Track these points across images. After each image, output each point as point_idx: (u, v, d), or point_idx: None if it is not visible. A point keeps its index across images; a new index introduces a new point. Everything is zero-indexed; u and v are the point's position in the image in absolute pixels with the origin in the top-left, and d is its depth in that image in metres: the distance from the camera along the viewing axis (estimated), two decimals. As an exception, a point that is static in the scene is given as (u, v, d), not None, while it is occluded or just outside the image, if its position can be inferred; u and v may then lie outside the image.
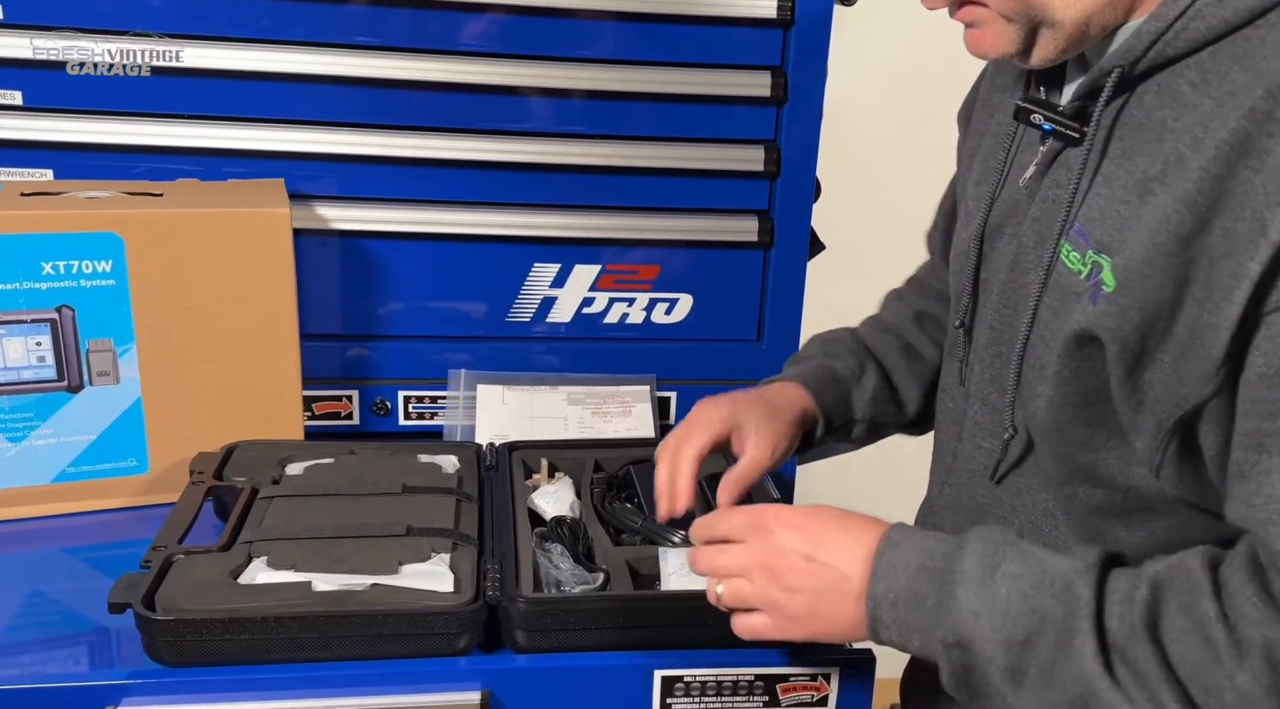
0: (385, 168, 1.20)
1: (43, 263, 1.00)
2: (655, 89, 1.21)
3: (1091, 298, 0.68)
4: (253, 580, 0.85)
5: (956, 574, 0.68)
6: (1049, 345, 0.73)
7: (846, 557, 0.72)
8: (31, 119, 1.13)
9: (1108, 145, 0.70)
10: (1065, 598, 0.65)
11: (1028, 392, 0.75)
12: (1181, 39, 0.66)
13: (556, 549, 0.94)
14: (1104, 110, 0.70)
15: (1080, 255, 0.70)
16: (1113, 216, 0.68)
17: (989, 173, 0.84)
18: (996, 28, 0.72)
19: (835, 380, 0.98)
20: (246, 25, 1.13)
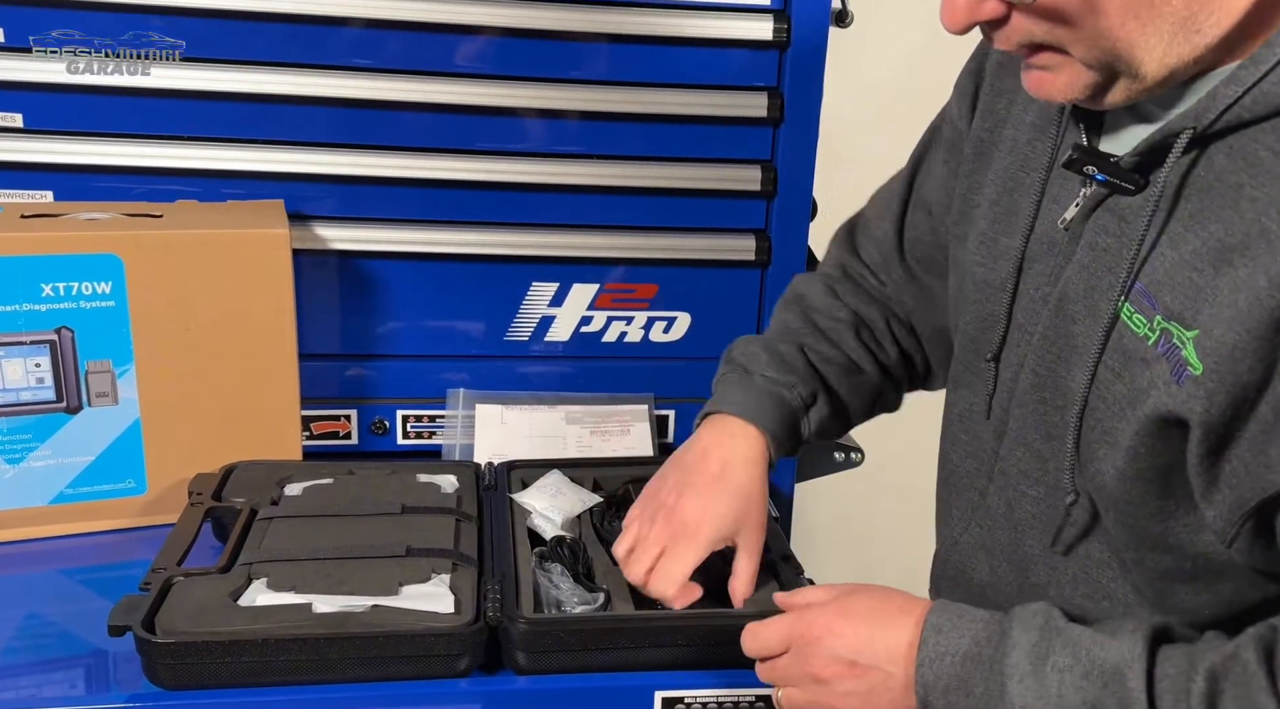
0: (384, 188, 1.21)
1: (42, 284, 1.01)
2: (653, 110, 1.22)
3: (1175, 378, 0.66)
4: (253, 602, 0.85)
5: (1006, 666, 0.68)
6: (1116, 413, 0.71)
7: (889, 653, 0.72)
8: (32, 141, 1.13)
9: (1175, 205, 0.68)
10: (1117, 688, 0.65)
11: (1088, 453, 0.73)
12: (1260, 103, 0.64)
13: (556, 569, 0.94)
14: (1170, 169, 0.68)
15: (1146, 319, 0.68)
16: (1184, 284, 0.66)
17: (1015, 201, 0.81)
18: (1071, 72, 0.69)
19: (788, 413, 0.94)
20: (245, 48, 1.14)
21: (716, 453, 0.91)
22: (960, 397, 0.88)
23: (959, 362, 0.89)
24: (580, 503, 1.04)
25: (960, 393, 0.88)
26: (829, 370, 0.98)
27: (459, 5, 1.16)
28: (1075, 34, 0.66)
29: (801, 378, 0.95)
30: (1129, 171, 0.71)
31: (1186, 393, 0.65)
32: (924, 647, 0.71)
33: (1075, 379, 0.74)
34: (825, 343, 0.99)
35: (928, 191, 0.97)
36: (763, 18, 1.20)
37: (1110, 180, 0.71)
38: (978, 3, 0.68)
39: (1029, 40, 0.68)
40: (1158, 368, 0.67)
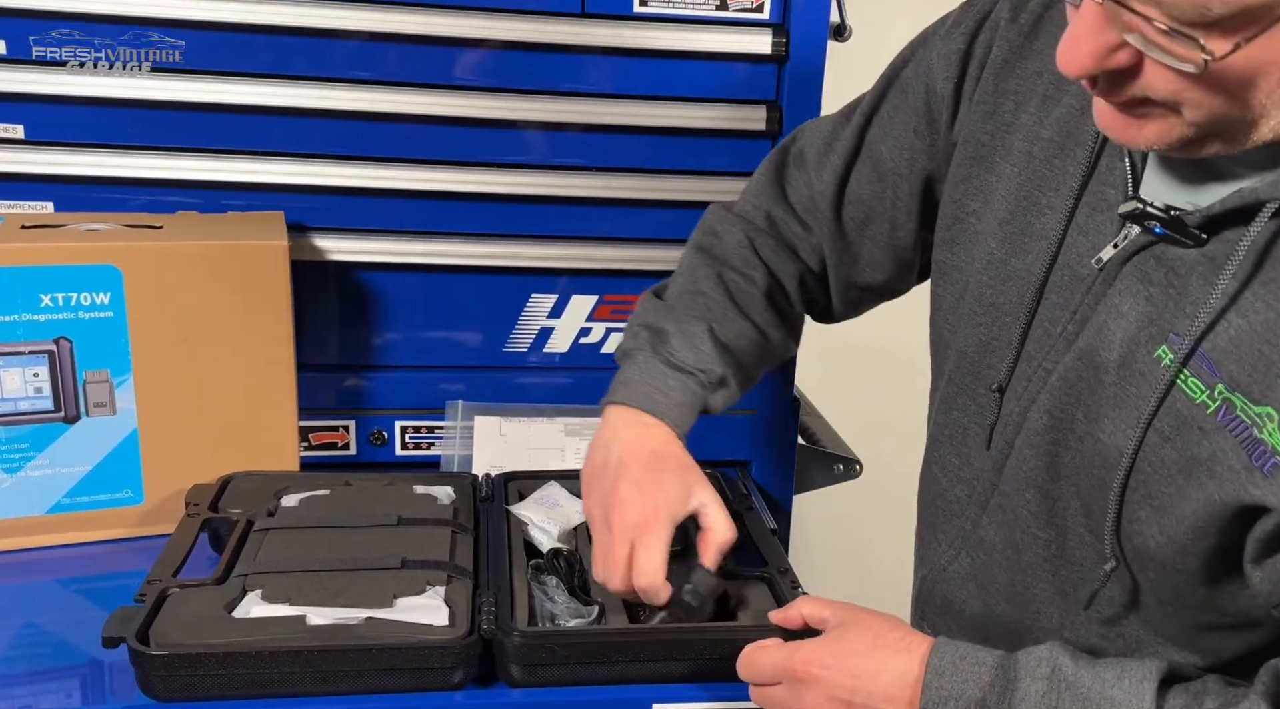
0: (383, 200, 1.21)
1: (42, 295, 1.01)
2: (653, 122, 1.22)
3: (1258, 464, 0.63)
4: (247, 614, 0.85)
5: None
6: (1165, 478, 0.68)
7: (885, 693, 0.70)
8: (33, 152, 1.14)
9: (1254, 272, 0.64)
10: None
11: (1131, 515, 0.70)
12: None
13: (552, 581, 0.94)
14: (1251, 240, 0.63)
15: (1204, 385, 0.65)
16: (1254, 356, 0.63)
17: (1030, 222, 0.76)
18: (1166, 125, 0.62)
19: (696, 401, 0.92)
20: (246, 60, 1.15)
21: (637, 445, 0.89)
22: (952, 419, 0.85)
23: (953, 383, 0.85)
24: (577, 515, 1.04)
25: (953, 415, 0.85)
26: (740, 347, 0.95)
27: (458, 18, 1.16)
28: (1208, 97, 0.58)
29: (711, 361, 0.92)
30: (1194, 229, 0.66)
31: (1276, 482, 0.62)
32: (927, 690, 0.69)
33: (1110, 434, 0.70)
34: (736, 316, 0.95)
35: (884, 152, 0.90)
36: (761, 32, 1.20)
37: (1169, 233, 0.67)
38: (1108, 49, 0.59)
39: (1147, 94, 0.60)
40: (1219, 440, 0.64)
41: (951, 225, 0.85)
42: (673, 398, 0.90)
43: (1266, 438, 0.62)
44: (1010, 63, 0.81)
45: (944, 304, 0.87)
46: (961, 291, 0.84)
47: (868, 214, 0.93)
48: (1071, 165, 0.75)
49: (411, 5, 1.15)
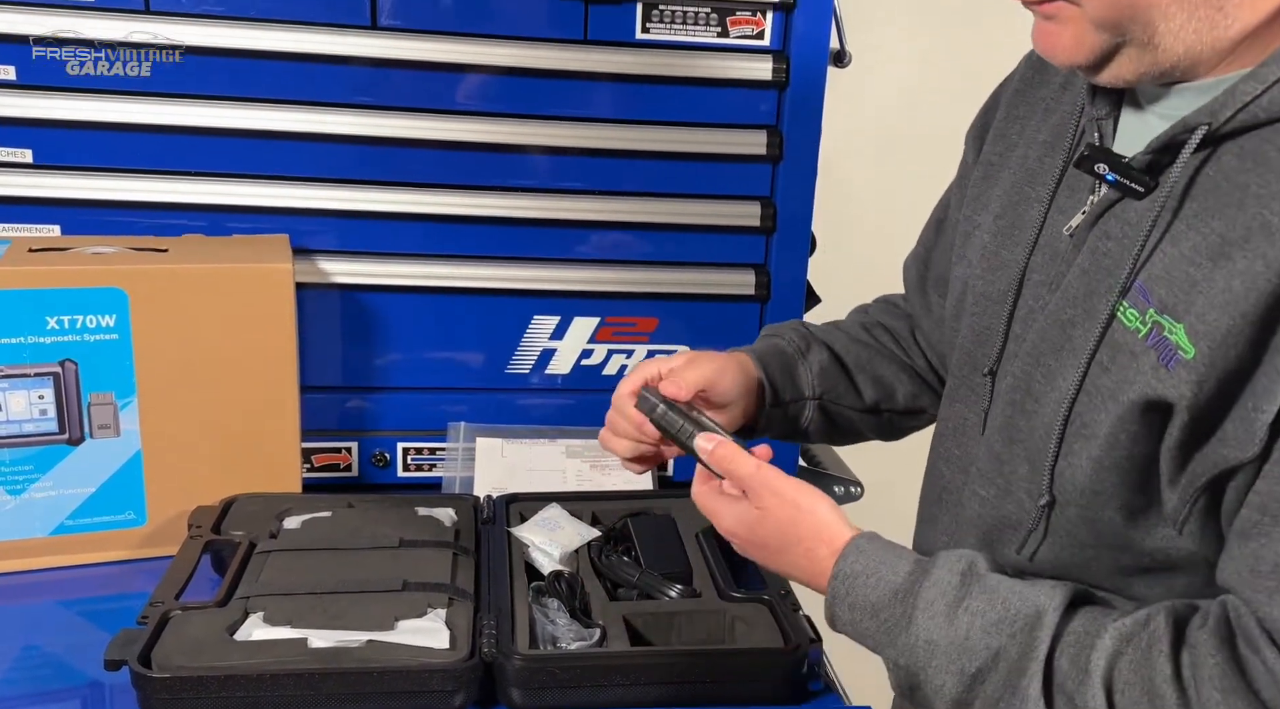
0: (387, 223, 1.22)
1: (47, 317, 1.02)
2: (655, 147, 1.23)
3: (1164, 362, 0.65)
4: (249, 637, 0.85)
5: (919, 600, 0.69)
6: (1099, 405, 0.70)
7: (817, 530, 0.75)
8: (40, 176, 1.15)
9: (1181, 204, 0.67)
10: (1024, 639, 0.66)
11: (1067, 449, 0.73)
12: (1277, 104, 0.63)
13: (553, 604, 0.94)
14: (1180, 168, 0.67)
15: (1139, 313, 0.68)
16: (1180, 277, 0.66)
17: (1019, 214, 0.81)
18: (1078, 30, 0.67)
19: (780, 353, 0.95)
20: (251, 85, 1.16)
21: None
22: (955, 411, 0.87)
23: (955, 376, 0.88)
24: (579, 537, 1.04)
25: (955, 407, 0.87)
26: (831, 336, 0.99)
27: (462, 45, 1.18)
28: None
29: (794, 331, 0.98)
30: (1139, 172, 0.69)
31: (1176, 378, 0.64)
32: (842, 560, 0.73)
33: (1066, 378, 0.72)
34: (826, 324, 1.02)
35: (949, 230, 0.97)
36: (762, 58, 1.21)
37: (1120, 181, 0.70)
38: None
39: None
40: (1145, 359, 0.67)
41: (963, 242, 0.89)
42: (753, 345, 0.97)
43: (1178, 340, 0.65)
44: (1022, 91, 0.87)
45: (950, 310, 0.90)
46: (963, 292, 0.87)
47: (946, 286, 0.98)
48: (1057, 154, 0.79)
49: (415, 31, 1.17)
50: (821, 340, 0.98)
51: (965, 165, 0.94)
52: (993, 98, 0.92)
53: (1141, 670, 0.63)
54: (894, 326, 1.02)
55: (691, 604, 0.94)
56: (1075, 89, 0.82)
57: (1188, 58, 0.67)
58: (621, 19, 1.19)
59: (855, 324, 1.03)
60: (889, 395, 0.99)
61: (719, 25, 1.20)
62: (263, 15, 1.14)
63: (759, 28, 1.21)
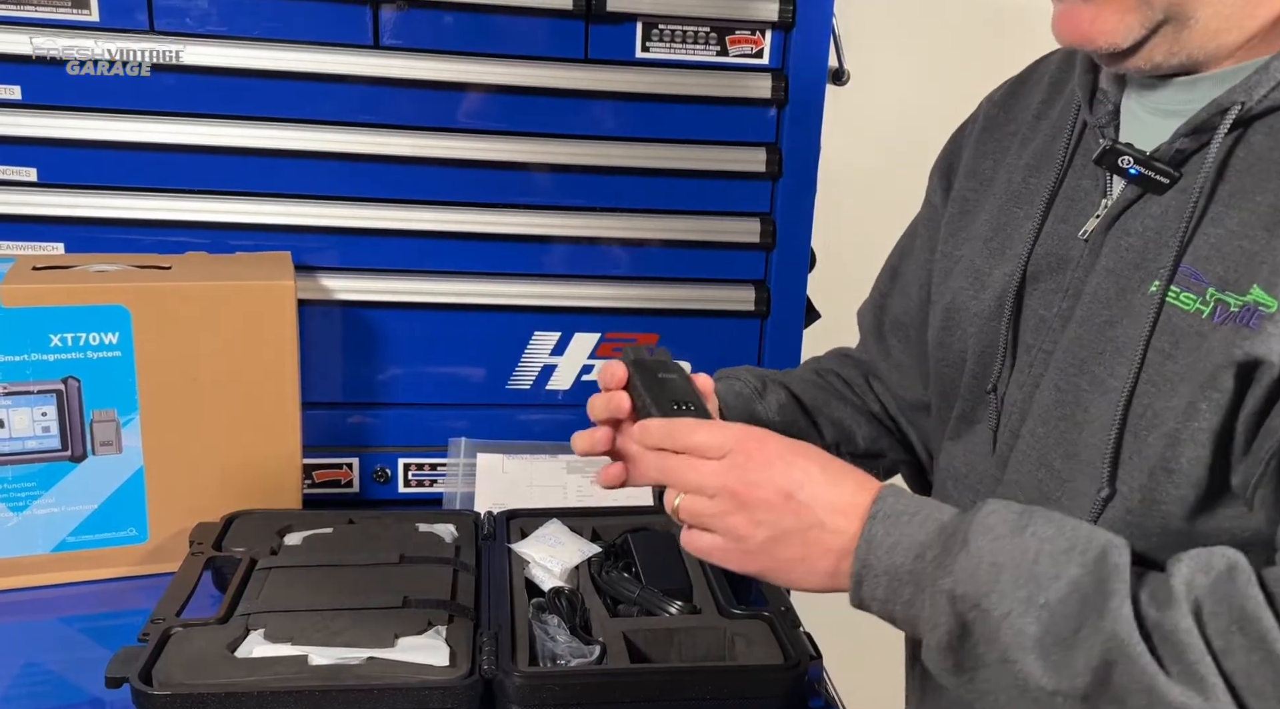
0: (388, 240, 1.23)
1: (51, 335, 1.02)
2: (655, 164, 1.24)
3: (1245, 323, 0.63)
4: (249, 654, 0.85)
5: (975, 526, 0.62)
6: (1168, 392, 0.67)
7: (830, 503, 0.66)
8: (45, 195, 1.16)
9: (1215, 187, 0.67)
10: (1098, 568, 0.60)
11: (1135, 444, 0.68)
12: None
13: (553, 620, 0.94)
14: (1215, 150, 0.66)
15: (1197, 295, 0.66)
16: (1235, 252, 0.65)
17: (1010, 232, 0.81)
18: (1121, 8, 0.66)
19: (737, 394, 0.92)
20: (254, 104, 1.17)
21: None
22: (973, 432, 0.84)
23: (966, 399, 0.85)
24: (579, 553, 1.05)
25: (974, 428, 0.84)
26: (786, 377, 0.97)
27: (463, 64, 1.19)
28: None
29: (749, 374, 0.94)
30: (1163, 163, 0.69)
31: (1265, 332, 0.61)
32: (881, 502, 0.65)
33: (1119, 376, 0.69)
34: (787, 373, 0.99)
35: (908, 272, 0.96)
36: (761, 76, 1.22)
37: (1144, 173, 0.69)
38: None
39: None
40: (1216, 336, 0.64)
41: (942, 278, 0.88)
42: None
43: (1256, 298, 0.62)
44: (989, 129, 0.87)
45: (940, 338, 0.89)
46: (949, 319, 0.86)
47: (904, 332, 0.97)
48: (1047, 175, 0.79)
49: (417, 51, 1.18)
50: (778, 382, 0.97)
51: (931, 207, 0.93)
52: (953, 142, 0.93)
53: (1229, 597, 0.58)
54: (847, 374, 1.01)
55: (691, 620, 0.94)
56: (1053, 116, 0.82)
57: (1216, 39, 0.67)
58: (622, 38, 1.20)
59: (808, 369, 1.02)
60: (848, 438, 0.97)
61: (718, 44, 1.21)
62: (266, 35, 1.15)
63: (758, 46, 1.22)
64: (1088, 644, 0.58)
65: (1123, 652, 0.57)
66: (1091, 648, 0.58)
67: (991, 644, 0.60)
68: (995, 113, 0.88)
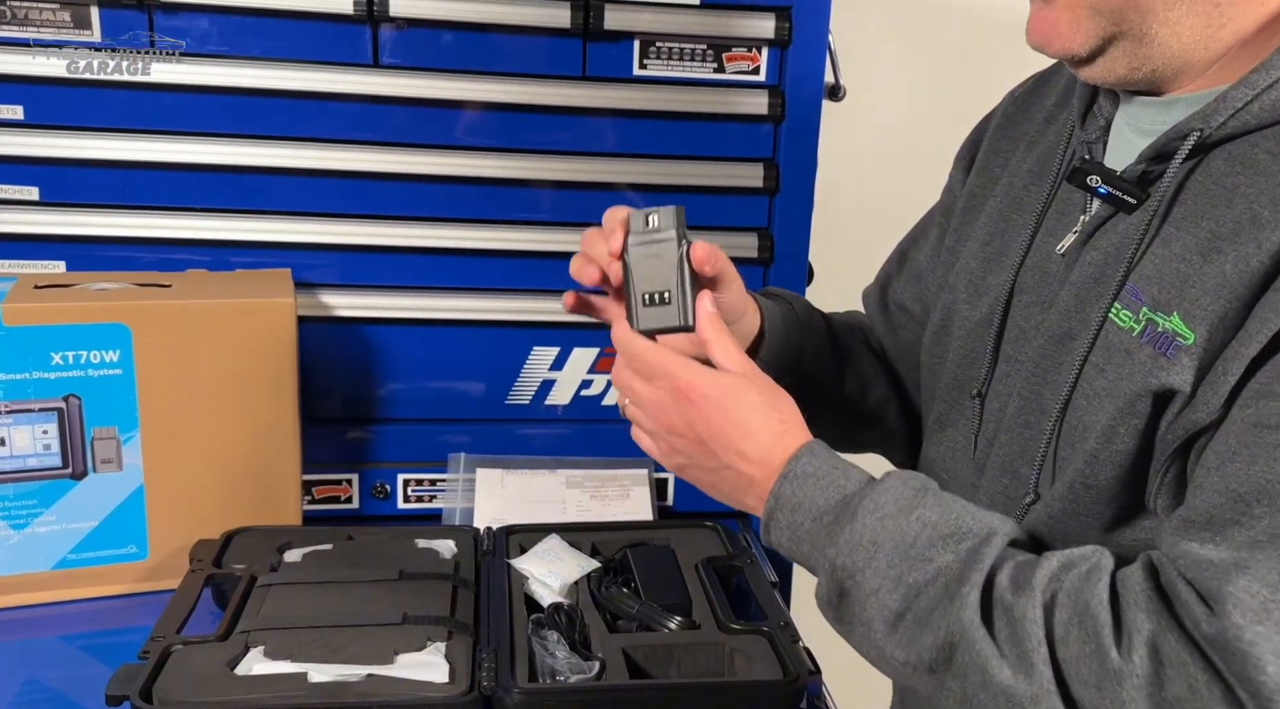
0: (388, 256, 1.24)
1: (52, 353, 1.03)
2: (653, 181, 1.25)
3: (1162, 351, 0.65)
4: (249, 671, 0.85)
5: (867, 501, 0.68)
6: (1096, 405, 0.70)
7: (740, 452, 0.73)
8: (46, 213, 1.17)
9: (1170, 209, 0.68)
10: (969, 557, 0.65)
11: (1067, 453, 0.72)
12: (1267, 111, 0.65)
13: (552, 636, 0.94)
14: (1171, 174, 0.68)
15: (1133, 314, 0.68)
16: (1170, 274, 0.67)
17: (1007, 241, 0.82)
18: (1076, 16, 0.68)
19: (784, 315, 0.94)
20: (253, 122, 1.18)
21: None
22: (945, 436, 0.87)
23: (943, 401, 0.88)
24: (578, 568, 1.05)
25: (946, 432, 0.87)
26: (831, 316, 1.00)
27: (462, 82, 1.19)
28: None
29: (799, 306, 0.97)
30: (1131, 183, 0.70)
31: (1179, 364, 0.64)
32: (795, 461, 0.71)
33: (1061, 385, 0.72)
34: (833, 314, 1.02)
35: (919, 258, 0.99)
36: (758, 93, 1.23)
37: (1112, 193, 0.71)
38: None
39: None
40: (1140, 354, 0.67)
41: (947, 271, 0.90)
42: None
43: (1174, 327, 0.65)
44: (1004, 126, 0.89)
45: (930, 338, 0.91)
46: (947, 318, 0.88)
47: (910, 312, 1.00)
48: (1044, 180, 0.81)
49: (416, 69, 1.19)
50: (821, 315, 0.99)
51: (950, 191, 0.95)
52: (978, 129, 0.93)
53: (1079, 591, 0.62)
54: (874, 337, 1.03)
55: (691, 636, 0.94)
56: (1060, 122, 0.83)
57: (1180, 57, 0.68)
58: (619, 56, 1.21)
59: (851, 315, 1.05)
60: (863, 393, 0.99)
61: (715, 61, 1.22)
62: (267, 54, 1.16)
63: (755, 63, 1.23)
64: (935, 625, 0.64)
65: (964, 636, 0.63)
66: (938, 629, 0.64)
67: (860, 611, 0.68)
68: (1014, 110, 0.89)
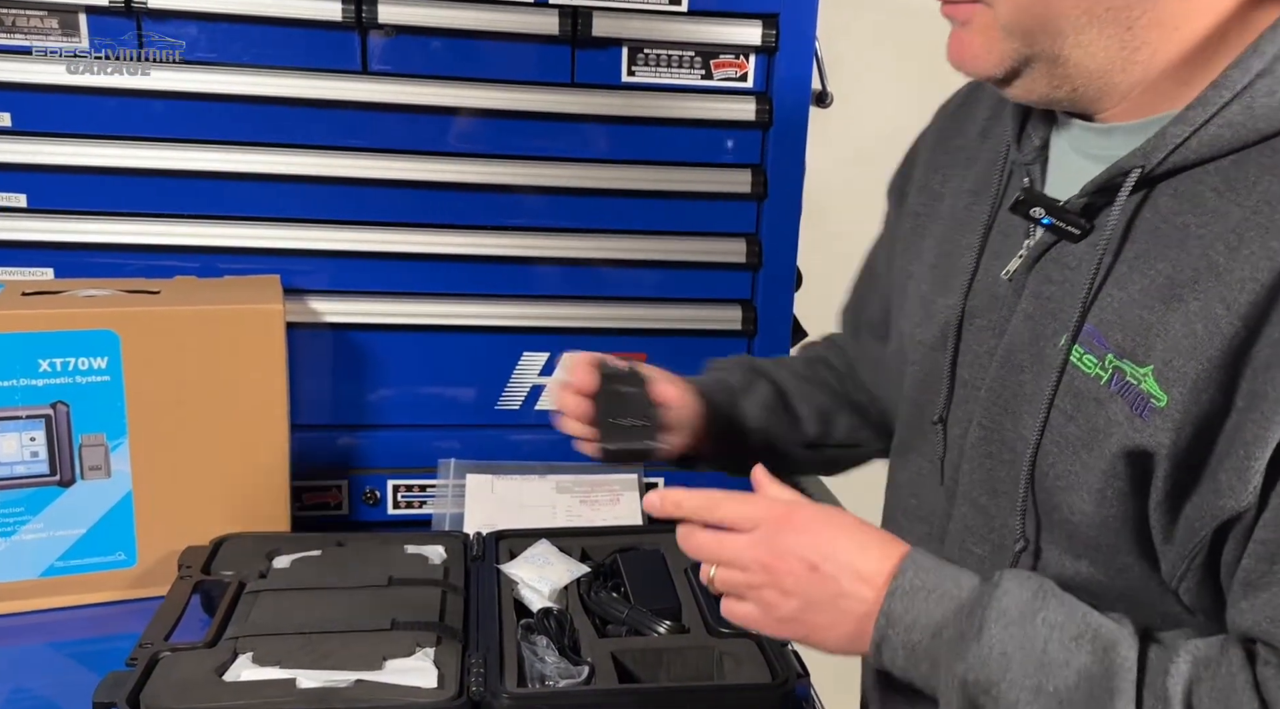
0: (377, 262, 1.24)
1: (40, 360, 1.03)
2: (642, 186, 1.25)
3: (1138, 412, 0.65)
4: (238, 678, 0.85)
5: (990, 611, 0.64)
6: (1070, 455, 0.69)
7: (858, 573, 0.68)
8: (34, 220, 1.17)
9: (1121, 246, 0.67)
10: (1106, 658, 0.62)
11: (1047, 502, 0.71)
12: (1206, 146, 0.64)
13: (542, 641, 0.94)
14: (1118, 210, 0.67)
15: (1097, 359, 0.67)
16: (1134, 322, 0.66)
17: (954, 262, 0.81)
18: (989, 38, 0.68)
19: (725, 387, 0.96)
20: (241, 129, 1.18)
21: None
22: (909, 461, 0.87)
23: (906, 426, 0.87)
24: (568, 573, 1.05)
25: (910, 457, 0.87)
26: (774, 370, 1.01)
27: (452, 89, 1.20)
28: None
29: (737, 366, 0.99)
30: (1075, 215, 0.69)
31: (1154, 426, 0.64)
32: (900, 576, 0.67)
33: (1026, 427, 0.71)
34: (769, 361, 1.04)
35: (879, 281, 0.98)
36: (746, 99, 1.24)
37: (1056, 224, 0.70)
38: None
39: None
40: (1113, 406, 0.66)
41: (899, 294, 0.90)
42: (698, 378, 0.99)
43: (1149, 389, 0.64)
44: (940, 142, 0.89)
45: (892, 360, 0.91)
46: (902, 342, 0.88)
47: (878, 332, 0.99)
48: (985, 200, 0.80)
49: (405, 76, 1.19)
50: (766, 375, 1.00)
51: (889, 220, 0.95)
52: (910, 154, 0.94)
53: (1226, 697, 0.60)
54: (837, 362, 1.04)
55: (680, 640, 0.94)
56: (995, 137, 0.83)
57: (1099, 77, 0.67)
58: (608, 63, 1.22)
59: (800, 359, 1.06)
60: (828, 428, 1.00)
61: (703, 68, 1.23)
62: (255, 61, 1.16)
63: (742, 70, 1.23)
64: None
65: None
66: None
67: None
68: (948, 124, 0.89)
